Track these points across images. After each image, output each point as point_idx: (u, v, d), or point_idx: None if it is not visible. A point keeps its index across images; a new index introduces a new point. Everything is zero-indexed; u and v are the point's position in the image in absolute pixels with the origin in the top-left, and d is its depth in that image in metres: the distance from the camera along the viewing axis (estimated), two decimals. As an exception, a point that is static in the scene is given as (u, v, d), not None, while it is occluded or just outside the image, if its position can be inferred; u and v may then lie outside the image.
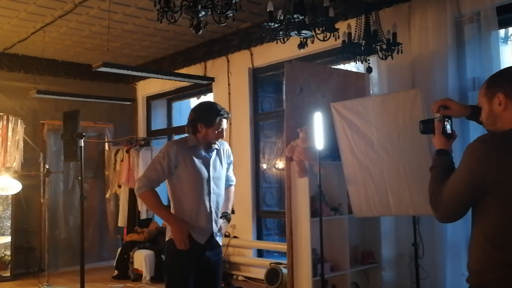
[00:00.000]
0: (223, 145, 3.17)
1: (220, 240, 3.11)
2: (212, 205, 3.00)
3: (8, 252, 6.58)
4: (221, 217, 3.12)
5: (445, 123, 2.03)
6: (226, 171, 3.18)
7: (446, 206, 1.81)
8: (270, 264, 5.47)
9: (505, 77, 1.79)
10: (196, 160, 2.97)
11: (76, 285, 5.08)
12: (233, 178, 3.31)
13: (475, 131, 3.92)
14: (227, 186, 3.24)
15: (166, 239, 3.01)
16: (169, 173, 2.94)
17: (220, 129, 2.99)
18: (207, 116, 2.98)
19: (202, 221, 2.97)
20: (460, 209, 1.80)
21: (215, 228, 3.03)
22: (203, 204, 2.97)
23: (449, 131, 2.03)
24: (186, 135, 3.11)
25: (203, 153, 3.02)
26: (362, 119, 3.98)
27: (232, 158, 3.26)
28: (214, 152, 3.07)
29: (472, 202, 1.76)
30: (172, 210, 3.02)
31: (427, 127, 2.10)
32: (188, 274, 2.94)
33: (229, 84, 6.53)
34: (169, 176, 2.96)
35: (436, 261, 4.18)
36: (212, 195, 3.01)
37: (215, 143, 3.05)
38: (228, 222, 3.20)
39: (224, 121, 3.01)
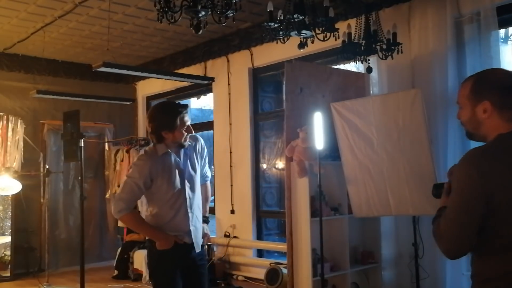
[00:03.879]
0: (199, 141, 3.04)
1: (199, 245, 2.98)
2: (189, 209, 2.90)
3: (8, 252, 6.58)
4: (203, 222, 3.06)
5: None
6: (202, 167, 3.07)
7: (449, 234, 1.62)
8: (270, 264, 5.46)
9: (494, 85, 1.68)
10: (169, 169, 2.85)
11: (76, 285, 5.07)
12: (208, 173, 3.18)
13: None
14: (203, 182, 3.11)
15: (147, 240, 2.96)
16: (146, 189, 2.83)
17: (185, 126, 2.83)
18: (166, 120, 2.80)
19: (181, 226, 2.89)
20: (467, 235, 1.60)
21: (193, 231, 2.91)
22: (180, 211, 2.88)
23: None
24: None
25: (176, 158, 2.89)
26: (362, 119, 3.98)
27: (206, 153, 3.10)
28: (187, 152, 2.94)
29: (480, 223, 1.58)
30: (150, 215, 2.91)
31: (438, 192, 1.83)
32: (174, 273, 2.86)
33: (229, 84, 6.52)
34: (146, 191, 2.85)
35: (436, 261, 4.17)
36: (188, 200, 2.90)
37: (187, 141, 2.89)
38: (206, 224, 3.10)
39: (186, 116, 2.84)
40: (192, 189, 2.95)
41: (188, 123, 2.88)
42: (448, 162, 4.14)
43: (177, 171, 2.89)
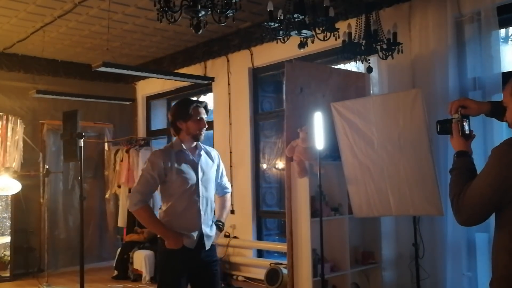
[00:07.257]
0: (213, 152, 3.17)
1: (209, 243, 3.03)
2: (201, 207, 2.98)
3: (8, 252, 6.57)
4: (215, 225, 3.12)
5: (464, 124, 1.96)
6: (217, 178, 3.16)
7: (469, 209, 1.75)
8: (270, 264, 5.46)
9: None
10: (183, 165, 2.96)
11: (75, 285, 5.06)
12: (227, 185, 3.29)
13: (499, 128, 3.86)
14: (223, 193, 3.26)
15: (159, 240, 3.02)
16: (160, 182, 2.94)
17: (198, 118, 2.99)
18: (181, 110, 3.00)
19: (192, 223, 2.96)
20: (483, 214, 1.75)
21: (205, 230, 2.99)
22: (193, 208, 2.96)
23: (467, 131, 1.96)
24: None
25: (191, 156, 3.00)
26: (363, 119, 3.97)
27: (222, 166, 3.23)
28: (203, 155, 3.06)
29: (496, 207, 1.72)
30: (163, 211, 3.00)
31: (444, 127, 2.03)
32: (181, 274, 2.93)
33: (229, 84, 6.52)
34: (160, 184, 2.97)
35: (436, 261, 4.17)
36: (201, 198, 2.98)
37: (201, 135, 3.02)
38: (220, 232, 3.15)
39: (200, 109, 3.00)
40: (206, 189, 3.02)
41: (202, 116, 3.01)
42: (448, 162, 4.13)
43: (191, 168, 2.98)
